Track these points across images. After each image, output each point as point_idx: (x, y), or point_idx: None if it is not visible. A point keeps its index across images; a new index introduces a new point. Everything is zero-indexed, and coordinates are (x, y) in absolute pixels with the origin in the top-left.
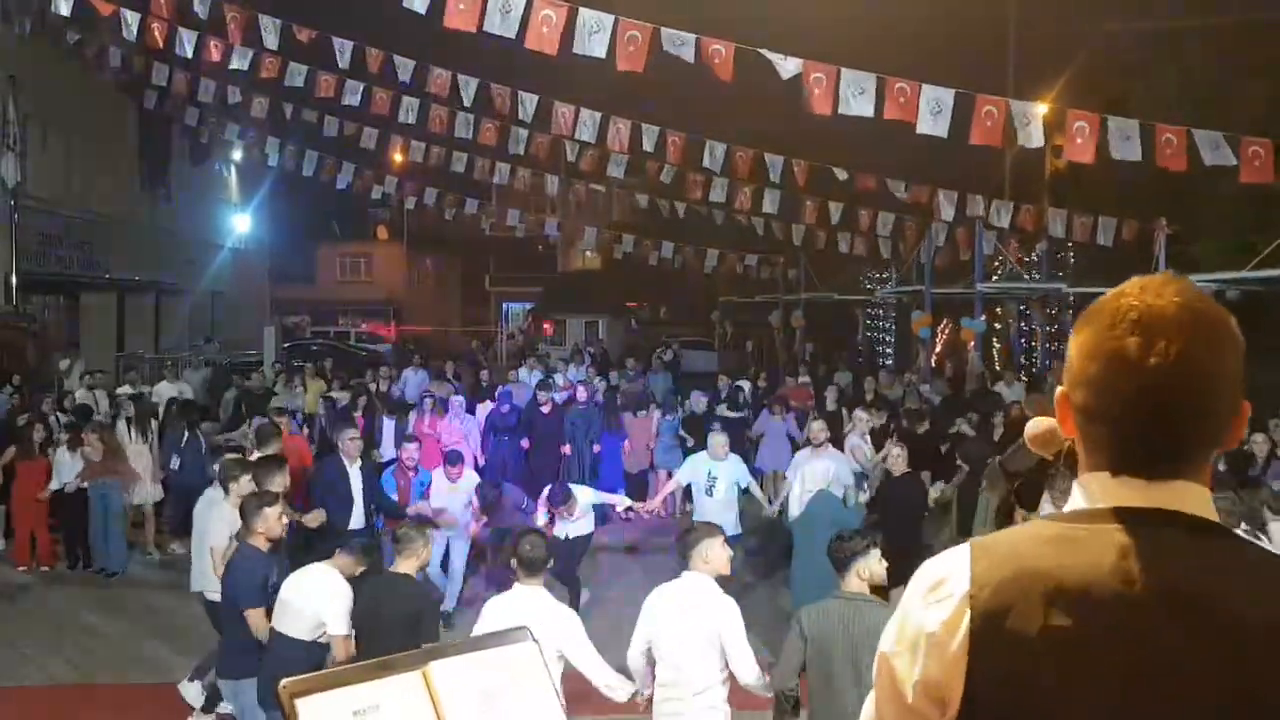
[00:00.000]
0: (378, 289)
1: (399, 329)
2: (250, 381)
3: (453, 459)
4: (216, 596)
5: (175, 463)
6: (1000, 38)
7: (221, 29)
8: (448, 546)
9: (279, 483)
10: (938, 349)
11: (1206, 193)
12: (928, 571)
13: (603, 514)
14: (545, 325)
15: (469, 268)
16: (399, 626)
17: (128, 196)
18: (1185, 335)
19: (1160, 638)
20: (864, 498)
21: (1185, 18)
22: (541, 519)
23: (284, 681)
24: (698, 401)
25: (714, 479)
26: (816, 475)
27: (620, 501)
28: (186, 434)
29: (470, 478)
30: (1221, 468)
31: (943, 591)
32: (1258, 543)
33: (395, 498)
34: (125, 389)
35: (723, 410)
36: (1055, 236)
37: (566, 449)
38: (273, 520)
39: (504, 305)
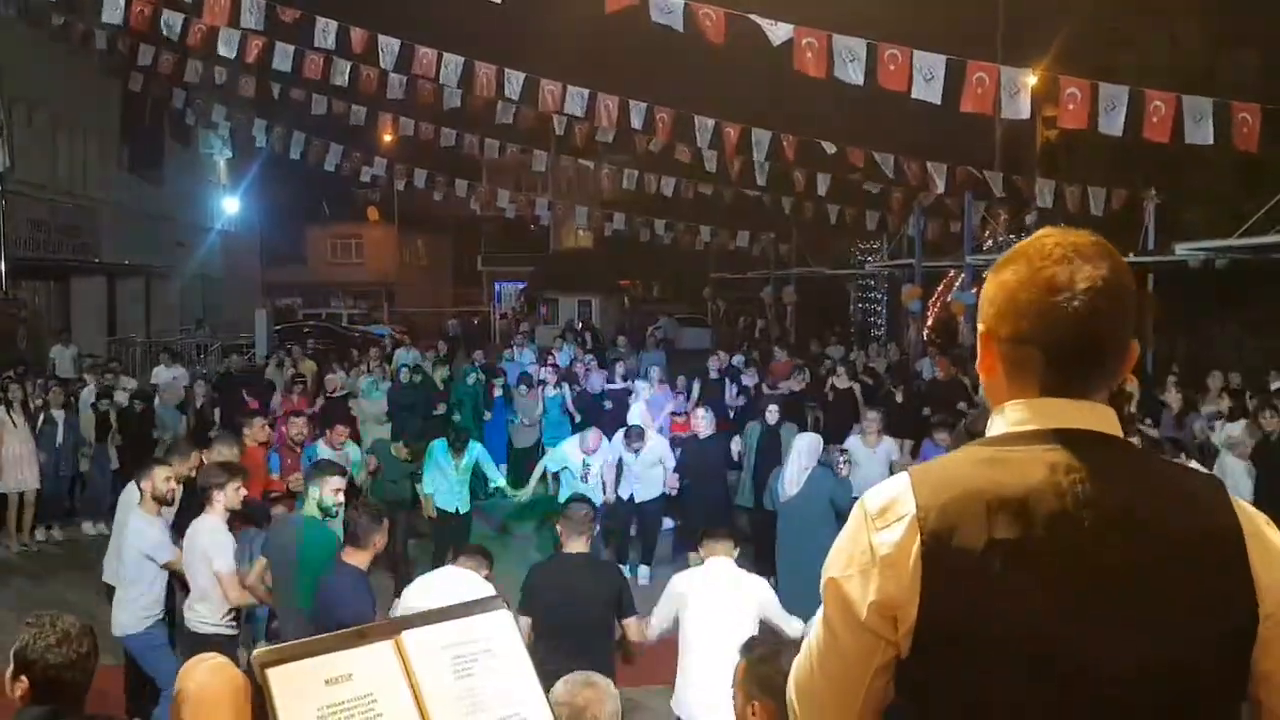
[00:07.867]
0: (369, 270)
1: (390, 310)
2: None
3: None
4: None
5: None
6: (988, 6)
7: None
8: None
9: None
10: (929, 321)
11: (1195, 161)
12: (872, 499)
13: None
14: (530, 307)
15: (461, 248)
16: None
17: (116, 180)
18: (1107, 265)
19: (1096, 545)
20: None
21: None
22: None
23: (255, 652)
24: (593, 381)
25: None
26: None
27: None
28: (64, 415)
29: (352, 447)
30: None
31: (890, 516)
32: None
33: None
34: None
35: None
36: (1044, 207)
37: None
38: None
39: (496, 285)
